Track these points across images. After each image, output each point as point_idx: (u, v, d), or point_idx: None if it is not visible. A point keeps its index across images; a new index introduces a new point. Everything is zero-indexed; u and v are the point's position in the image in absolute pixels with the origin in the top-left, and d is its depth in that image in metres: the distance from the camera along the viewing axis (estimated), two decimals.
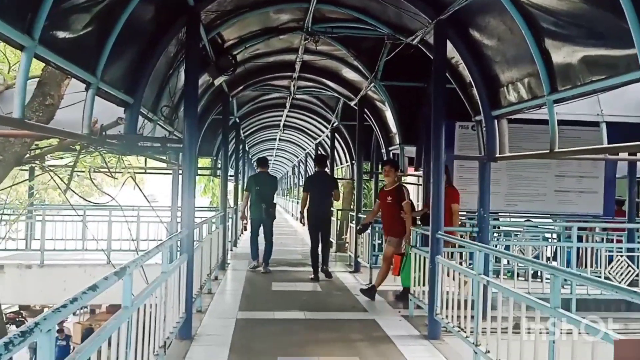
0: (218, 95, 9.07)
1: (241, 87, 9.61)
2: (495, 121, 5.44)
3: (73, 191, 4.99)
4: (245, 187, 9.57)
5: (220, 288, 7.60)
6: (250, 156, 25.63)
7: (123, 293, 2.75)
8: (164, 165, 7.10)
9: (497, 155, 5.45)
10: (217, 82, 6.98)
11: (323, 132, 15.49)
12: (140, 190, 5.23)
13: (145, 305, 3.34)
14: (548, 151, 4.36)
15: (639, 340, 3.07)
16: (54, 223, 10.75)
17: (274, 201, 9.04)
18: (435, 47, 5.47)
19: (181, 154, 4.74)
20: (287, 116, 14.95)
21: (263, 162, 9.42)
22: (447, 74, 5.76)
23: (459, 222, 6.75)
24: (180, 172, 4.81)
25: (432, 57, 5.69)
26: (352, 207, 12.91)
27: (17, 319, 20.68)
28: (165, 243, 3.69)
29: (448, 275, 5.04)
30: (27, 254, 10.44)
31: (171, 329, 4.26)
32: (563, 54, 4.05)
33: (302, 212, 8.93)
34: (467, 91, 5.96)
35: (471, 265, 5.37)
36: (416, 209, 7.27)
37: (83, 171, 5.46)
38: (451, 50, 5.52)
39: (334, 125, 13.50)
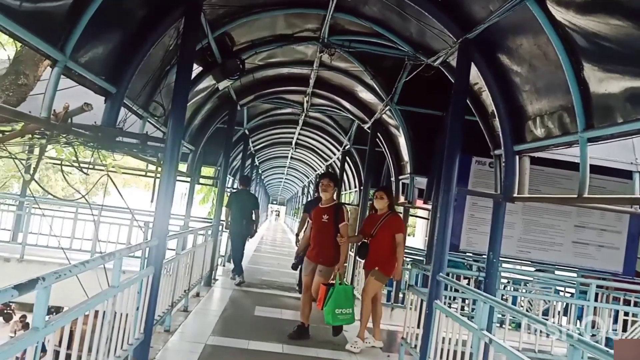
0: (225, 102, 8.63)
1: (251, 97, 9.17)
2: (517, 157, 4.90)
3: (37, 182, 4.51)
4: (226, 204, 9.70)
5: (199, 306, 7.01)
6: (260, 171, 25.19)
7: (34, 311, 2.22)
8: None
9: (515, 195, 4.89)
10: (221, 86, 6.53)
11: (335, 154, 15.00)
12: (118, 191, 4.72)
13: (78, 324, 2.82)
14: (576, 196, 3.79)
15: (638, 341, 2.99)
16: (41, 217, 10.27)
17: (254, 218, 9.53)
18: (458, 69, 4.96)
19: (162, 154, 4.24)
20: (299, 134, 14.53)
21: (245, 180, 10.11)
22: (467, 102, 5.24)
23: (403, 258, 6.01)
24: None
25: (452, 81, 5.18)
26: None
27: (5, 311, 20.27)
28: (115, 253, 3.16)
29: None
30: (12, 247, 10.00)
31: (120, 352, 3.69)
32: (604, 86, 3.50)
33: (297, 235, 8.59)
34: (489, 122, 5.43)
35: (474, 313, 4.77)
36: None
37: (59, 163, 4.95)
38: (475, 76, 5.02)
39: (346, 147, 13.01)
